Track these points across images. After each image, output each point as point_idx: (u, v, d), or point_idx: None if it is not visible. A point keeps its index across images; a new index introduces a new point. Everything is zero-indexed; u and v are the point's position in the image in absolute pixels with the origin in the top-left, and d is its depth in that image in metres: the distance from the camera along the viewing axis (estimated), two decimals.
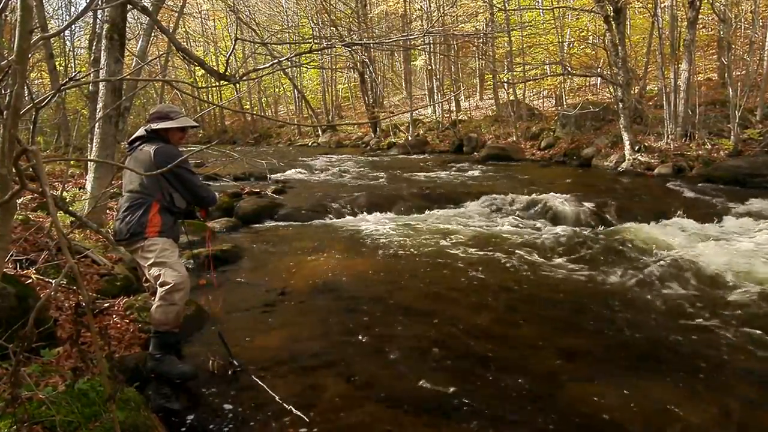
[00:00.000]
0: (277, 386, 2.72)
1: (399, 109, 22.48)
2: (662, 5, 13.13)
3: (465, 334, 3.42)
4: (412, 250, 5.54)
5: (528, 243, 5.69)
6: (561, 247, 5.50)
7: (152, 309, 2.78)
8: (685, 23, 11.34)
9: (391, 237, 6.10)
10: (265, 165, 8.59)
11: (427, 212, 7.48)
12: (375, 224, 6.85)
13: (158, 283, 2.76)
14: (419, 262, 5.13)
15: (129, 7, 5.34)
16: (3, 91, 5.13)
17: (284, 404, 2.55)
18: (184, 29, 23.09)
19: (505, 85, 17.36)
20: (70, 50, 16.27)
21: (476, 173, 11.42)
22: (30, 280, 3.23)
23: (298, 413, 2.49)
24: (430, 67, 20.62)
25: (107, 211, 5.82)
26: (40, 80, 16.81)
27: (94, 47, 8.33)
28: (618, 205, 7.19)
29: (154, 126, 2.90)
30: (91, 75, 5.90)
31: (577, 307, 3.92)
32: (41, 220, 4.92)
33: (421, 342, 3.33)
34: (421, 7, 20.60)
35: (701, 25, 14.62)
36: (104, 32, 5.27)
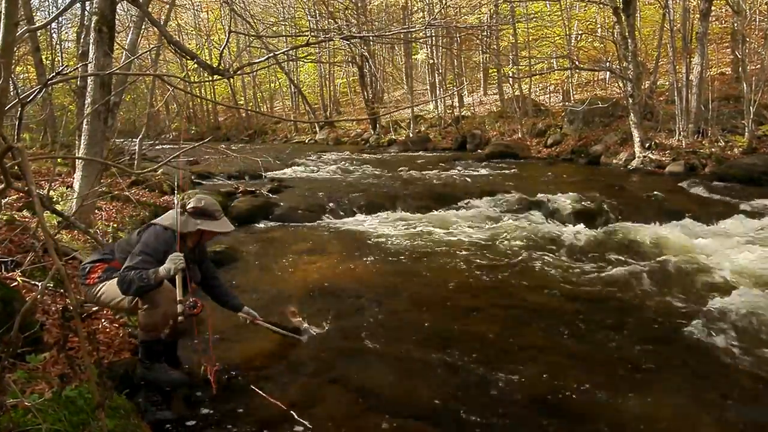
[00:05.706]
0: (271, 393, 2.70)
1: (399, 105, 22.15)
2: None
3: (466, 339, 3.38)
4: (412, 251, 5.47)
5: (533, 244, 5.62)
6: (567, 248, 5.45)
7: (138, 315, 2.73)
8: (698, 15, 11.16)
9: (391, 238, 6.02)
10: (261, 163, 8.24)
11: (428, 212, 7.33)
12: (374, 225, 6.79)
13: None
14: (419, 264, 5.05)
15: None
16: None
17: (279, 410, 2.53)
18: (175, 21, 22.75)
19: (510, 79, 17.12)
20: (57, 43, 15.84)
21: (480, 171, 11.32)
22: (15, 283, 3.18)
23: (296, 416, 2.45)
24: (432, 61, 20.32)
25: (95, 211, 5.66)
26: (26, 75, 16.49)
27: (82, 40, 8.05)
28: (627, 205, 7.09)
29: (205, 227, 2.84)
30: (79, 69, 5.75)
31: (582, 309, 3.86)
32: (27, 220, 4.78)
33: (422, 346, 3.27)
34: None
35: (714, 18, 14.38)
36: (92, 24, 5.11)
